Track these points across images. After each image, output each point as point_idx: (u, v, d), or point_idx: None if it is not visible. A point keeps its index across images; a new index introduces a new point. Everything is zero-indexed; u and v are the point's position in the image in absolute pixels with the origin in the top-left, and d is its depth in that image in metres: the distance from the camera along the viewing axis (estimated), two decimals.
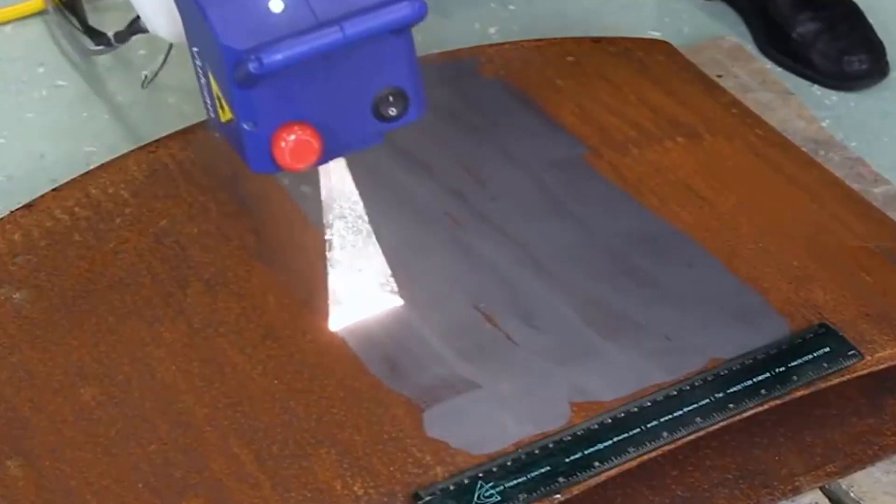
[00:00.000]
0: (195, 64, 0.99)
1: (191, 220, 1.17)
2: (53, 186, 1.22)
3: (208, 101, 1.00)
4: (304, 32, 0.92)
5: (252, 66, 0.91)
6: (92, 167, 1.24)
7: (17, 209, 1.20)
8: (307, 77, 0.94)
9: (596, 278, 1.12)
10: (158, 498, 0.97)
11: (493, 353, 1.06)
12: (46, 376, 1.06)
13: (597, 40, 1.42)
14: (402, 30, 0.96)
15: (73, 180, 1.22)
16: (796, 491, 1.05)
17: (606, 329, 1.08)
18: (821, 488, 1.06)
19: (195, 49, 0.98)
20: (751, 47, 1.55)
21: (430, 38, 1.56)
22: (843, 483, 1.06)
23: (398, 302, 1.07)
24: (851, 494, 1.05)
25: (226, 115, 0.97)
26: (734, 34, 1.56)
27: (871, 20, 1.53)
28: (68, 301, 1.11)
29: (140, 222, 1.18)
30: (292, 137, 0.95)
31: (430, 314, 1.09)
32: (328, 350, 1.07)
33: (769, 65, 1.53)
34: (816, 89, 1.51)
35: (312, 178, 1.21)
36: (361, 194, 1.20)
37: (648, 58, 1.40)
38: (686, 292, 1.12)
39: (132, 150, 1.25)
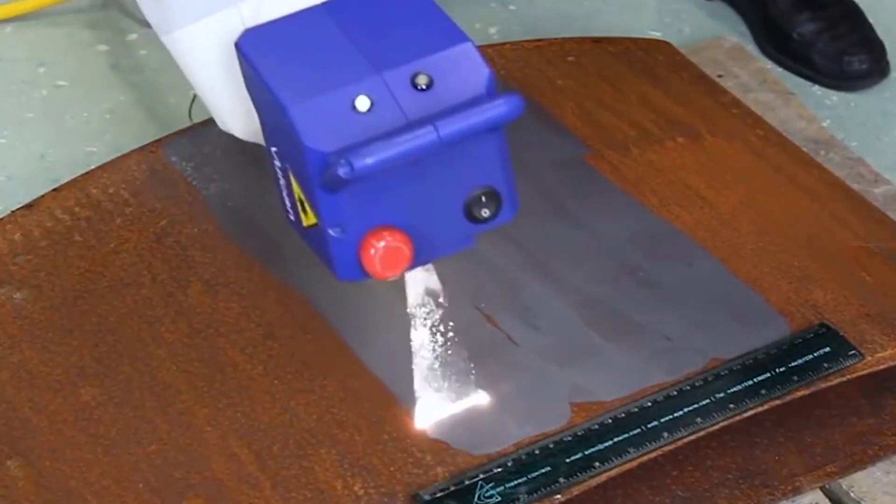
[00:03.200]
0: (273, 164, 0.93)
1: (191, 220, 1.17)
2: (54, 186, 1.22)
3: (288, 204, 0.94)
4: (395, 133, 0.86)
5: (342, 171, 0.85)
6: (92, 167, 1.24)
7: (17, 209, 1.20)
8: (397, 179, 0.88)
9: (596, 278, 1.12)
10: (158, 498, 0.97)
11: (493, 353, 1.06)
12: (46, 376, 1.06)
13: (597, 40, 1.42)
14: (498, 127, 0.90)
15: (73, 180, 1.22)
16: (796, 491, 1.05)
17: (606, 329, 1.08)
18: (821, 488, 1.06)
19: (273, 149, 0.93)
20: (751, 47, 1.55)
21: None
22: (844, 483, 1.06)
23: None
24: (851, 494, 1.05)
25: (309, 219, 0.91)
26: (734, 34, 1.56)
27: (871, 20, 1.53)
28: (68, 301, 1.11)
29: (140, 222, 1.18)
30: (382, 244, 0.89)
31: (430, 314, 1.09)
32: (328, 350, 1.07)
33: (769, 65, 1.53)
34: (816, 89, 1.51)
35: None
36: None
37: (649, 58, 1.40)
38: (686, 292, 1.11)
39: (132, 150, 1.25)
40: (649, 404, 1.02)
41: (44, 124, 1.45)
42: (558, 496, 0.97)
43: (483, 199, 0.92)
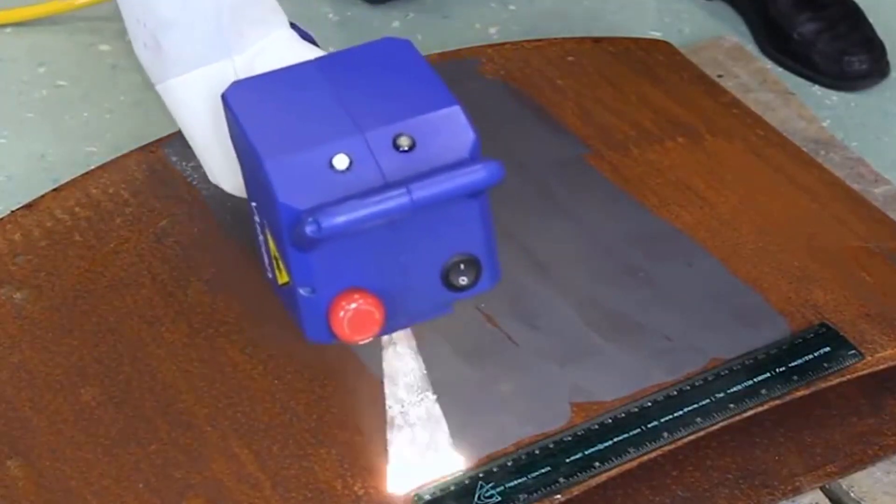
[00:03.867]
0: (253, 220, 0.92)
1: (191, 220, 1.17)
2: (54, 186, 1.22)
3: (266, 261, 0.93)
4: (367, 194, 0.84)
5: (310, 229, 0.83)
6: (92, 167, 1.24)
7: (17, 209, 1.20)
8: (371, 241, 0.86)
9: (596, 278, 1.12)
10: (158, 498, 0.97)
11: (493, 353, 1.06)
12: (46, 376, 1.06)
13: (597, 40, 1.42)
14: (477, 193, 0.88)
15: (73, 180, 1.22)
16: (796, 491, 1.05)
17: (607, 329, 1.08)
18: (821, 488, 1.06)
19: (254, 204, 0.91)
20: (751, 47, 1.55)
21: (430, 38, 1.57)
22: (844, 483, 1.06)
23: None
24: (851, 494, 1.05)
25: (283, 277, 0.90)
26: (734, 34, 1.56)
27: (871, 20, 1.53)
28: (68, 301, 1.11)
29: (140, 222, 1.18)
30: (352, 306, 0.87)
31: None
32: (328, 350, 1.07)
33: (769, 65, 1.53)
34: (816, 89, 1.51)
35: None
36: None
37: (649, 58, 1.40)
38: (686, 292, 1.12)
39: (132, 150, 1.25)
40: (649, 404, 1.02)
41: (44, 124, 1.45)
42: (558, 496, 0.97)
43: (462, 266, 0.89)
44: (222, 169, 0.99)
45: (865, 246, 1.17)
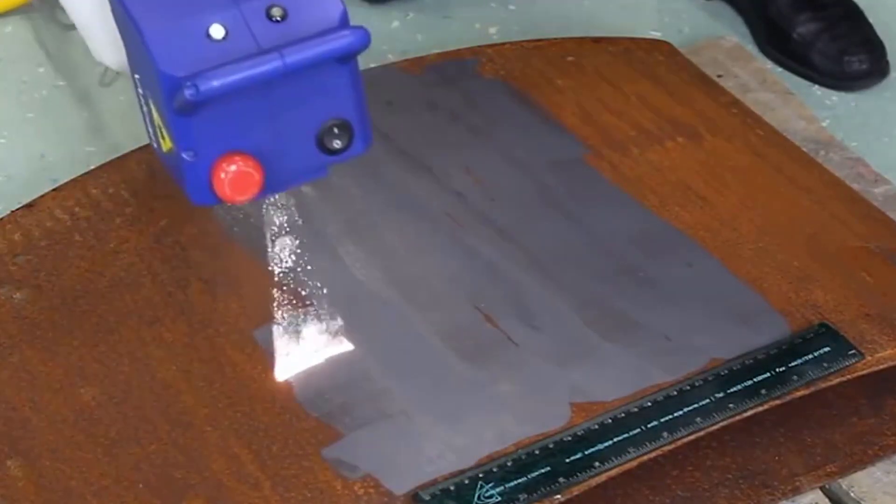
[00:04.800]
0: (137, 92, 0.96)
1: (191, 220, 1.17)
2: (53, 186, 1.22)
3: (150, 130, 0.97)
4: (243, 59, 0.89)
5: (189, 93, 0.88)
6: (92, 167, 1.24)
7: (17, 209, 1.20)
8: (248, 106, 0.91)
9: (596, 278, 1.12)
10: (158, 498, 0.97)
11: (493, 353, 1.06)
12: (46, 376, 1.06)
13: (597, 40, 1.42)
14: (346, 59, 0.93)
15: (73, 180, 1.22)
16: (796, 491, 1.05)
17: (606, 329, 1.08)
18: (821, 488, 1.06)
19: (137, 76, 0.96)
20: (751, 47, 1.55)
21: (430, 38, 1.57)
22: (844, 483, 1.06)
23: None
24: (852, 494, 1.05)
25: (167, 144, 0.94)
26: (734, 34, 1.56)
27: (871, 20, 1.53)
28: (68, 301, 1.11)
29: (140, 222, 1.18)
30: (232, 168, 0.91)
31: (430, 314, 1.09)
32: None
33: (769, 65, 1.53)
34: (816, 89, 1.51)
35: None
36: (360, 194, 1.20)
37: (648, 58, 1.40)
38: (686, 292, 1.12)
39: (132, 150, 1.25)
40: (649, 404, 1.02)
41: (44, 124, 1.45)
42: (558, 496, 0.97)
43: (335, 130, 0.94)
44: (105, 44, 1.01)
45: (865, 246, 1.17)
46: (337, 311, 1.08)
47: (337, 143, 0.94)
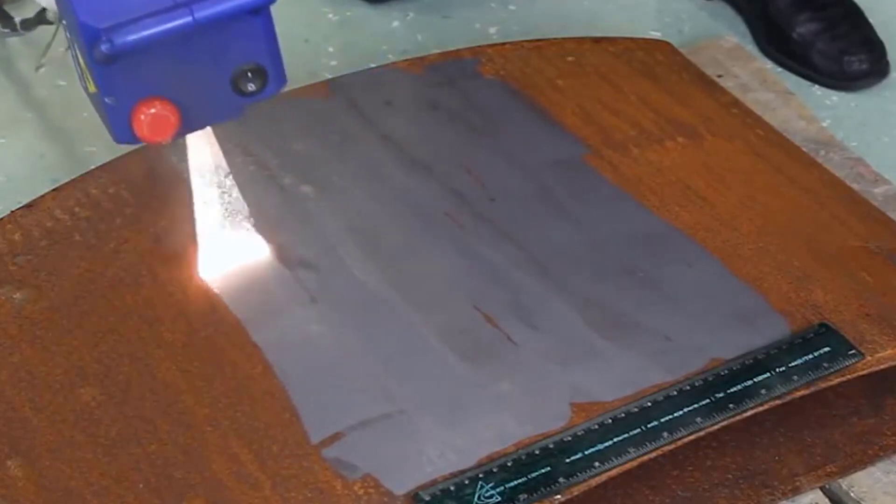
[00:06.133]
0: (66, 36, 1.02)
1: (191, 221, 1.17)
2: (53, 186, 1.22)
3: (78, 72, 1.02)
4: (156, 14, 0.95)
5: (104, 48, 0.94)
6: (92, 167, 1.24)
7: (17, 209, 1.20)
8: (165, 55, 0.97)
9: (596, 278, 1.12)
10: (158, 498, 0.97)
11: (493, 353, 1.06)
12: (46, 376, 1.06)
13: (597, 40, 1.42)
14: (257, 11, 0.98)
15: (73, 180, 1.22)
16: (796, 491, 1.05)
17: (606, 329, 1.08)
18: (821, 488, 1.06)
19: (64, 22, 1.01)
20: (751, 47, 1.55)
21: (430, 38, 1.57)
22: (844, 483, 1.06)
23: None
24: (852, 494, 1.05)
25: (91, 87, 1.00)
26: (734, 34, 1.56)
27: (871, 20, 1.53)
28: (68, 301, 1.11)
29: (140, 222, 1.18)
30: (151, 111, 0.99)
31: (430, 314, 1.09)
32: None
33: (769, 65, 1.53)
34: (816, 89, 1.51)
35: (312, 179, 1.21)
36: (361, 194, 1.20)
37: (648, 58, 1.40)
38: (686, 292, 1.12)
39: (132, 150, 1.25)
40: (649, 404, 1.02)
41: (44, 124, 1.45)
42: (558, 496, 0.97)
43: (249, 74, 1.00)
44: None
45: (865, 246, 1.17)
46: (336, 309, 1.08)
47: (251, 87, 1.01)
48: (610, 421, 1.01)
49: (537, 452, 0.99)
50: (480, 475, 0.97)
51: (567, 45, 1.40)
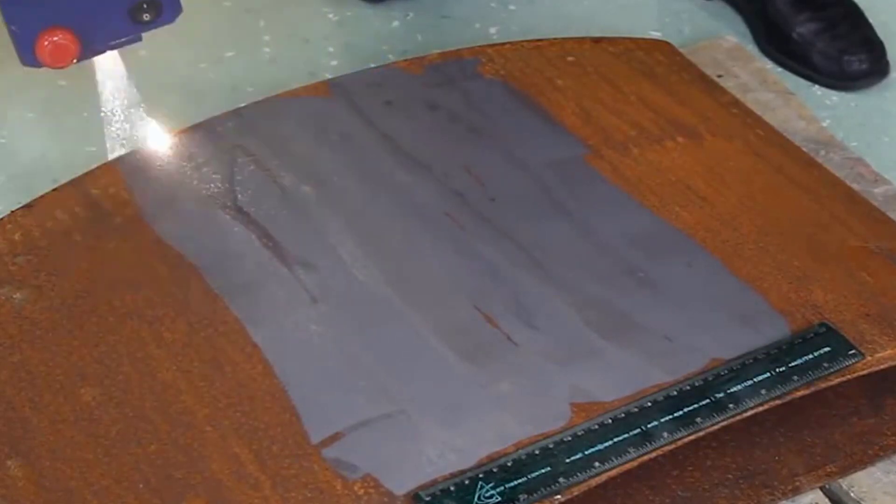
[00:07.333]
0: None
1: (190, 220, 1.17)
2: (53, 186, 1.22)
3: None
4: None
5: None
6: (92, 167, 1.24)
7: (17, 209, 1.20)
8: None
9: (596, 278, 1.12)
10: (158, 498, 0.97)
11: (493, 353, 1.06)
12: (46, 376, 1.06)
13: (597, 40, 1.42)
14: None
15: (73, 180, 1.22)
16: (796, 491, 1.05)
17: (606, 329, 1.08)
18: (821, 488, 1.06)
19: None
20: (751, 47, 1.55)
21: (431, 38, 1.57)
22: (844, 483, 1.06)
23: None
24: (852, 494, 1.05)
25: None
26: (734, 34, 1.56)
27: (871, 20, 1.53)
28: (68, 301, 1.11)
29: (140, 222, 1.18)
30: (53, 39, 1.09)
31: (430, 314, 1.09)
32: None
33: (769, 65, 1.53)
34: (816, 89, 1.51)
35: (312, 179, 1.21)
36: (361, 194, 1.20)
37: (649, 58, 1.40)
38: (686, 292, 1.12)
39: (132, 150, 1.25)
40: (649, 404, 1.02)
41: (44, 124, 1.45)
42: (558, 496, 0.97)
43: (144, 6, 1.12)
44: None
45: (865, 246, 1.17)
46: (336, 309, 1.08)
47: (147, 17, 1.12)
48: (610, 421, 1.01)
49: (537, 452, 0.99)
50: (480, 475, 0.97)
51: (567, 45, 1.40)
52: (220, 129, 1.26)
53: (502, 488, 0.96)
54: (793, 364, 1.05)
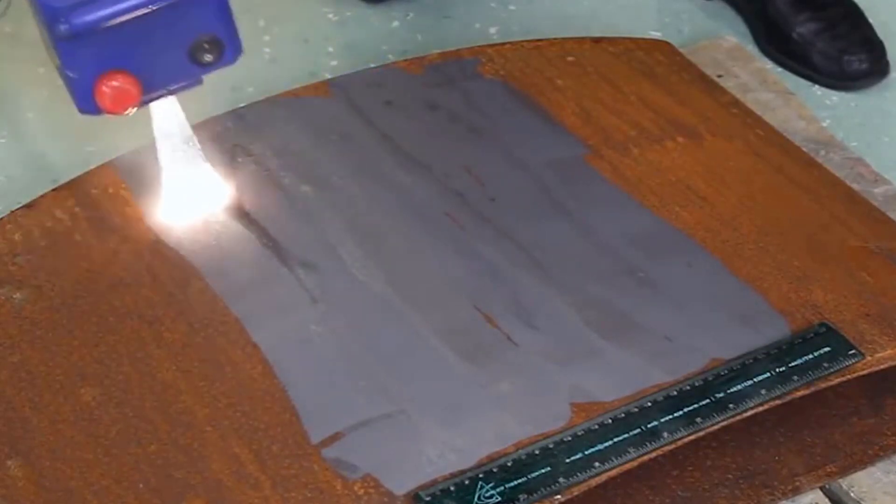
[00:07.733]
0: (33, 10, 1.05)
1: (190, 220, 1.17)
2: (53, 186, 1.22)
3: (45, 45, 1.05)
4: None
5: (62, 28, 0.99)
6: (92, 167, 1.24)
7: (17, 209, 1.20)
8: (124, 31, 1.01)
9: (596, 278, 1.12)
10: (158, 498, 0.97)
11: (493, 353, 1.06)
12: (46, 376, 1.06)
13: (597, 40, 1.42)
14: None
15: (73, 180, 1.22)
16: (796, 491, 1.05)
17: (606, 329, 1.08)
18: (821, 488, 1.06)
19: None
20: (751, 47, 1.55)
21: (431, 38, 1.57)
22: (844, 483, 1.06)
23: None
24: (852, 494, 1.05)
25: (55, 60, 1.04)
26: (734, 34, 1.56)
27: (871, 20, 1.53)
28: (68, 301, 1.11)
29: (140, 222, 1.18)
30: (113, 83, 1.02)
31: (430, 314, 1.09)
32: None
33: (769, 65, 1.53)
34: (816, 89, 1.51)
35: (311, 178, 1.21)
36: (361, 194, 1.20)
37: (648, 58, 1.40)
38: (686, 292, 1.12)
39: (132, 150, 1.25)
40: (649, 404, 1.02)
41: (44, 124, 1.45)
42: (558, 496, 0.97)
43: (206, 46, 1.04)
44: None
45: (865, 246, 1.17)
46: (336, 309, 1.08)
47: (208, 57, 1.04)
48: (610, 421, 1.01)
49: (537, 452, 0.99)
50: (480, 475, 0.97)
51: (567, 45, 1.40)
52: (220, 129, 1.26)
53: (502, 488, 0.96)
54: (793, 364, 1.05)
